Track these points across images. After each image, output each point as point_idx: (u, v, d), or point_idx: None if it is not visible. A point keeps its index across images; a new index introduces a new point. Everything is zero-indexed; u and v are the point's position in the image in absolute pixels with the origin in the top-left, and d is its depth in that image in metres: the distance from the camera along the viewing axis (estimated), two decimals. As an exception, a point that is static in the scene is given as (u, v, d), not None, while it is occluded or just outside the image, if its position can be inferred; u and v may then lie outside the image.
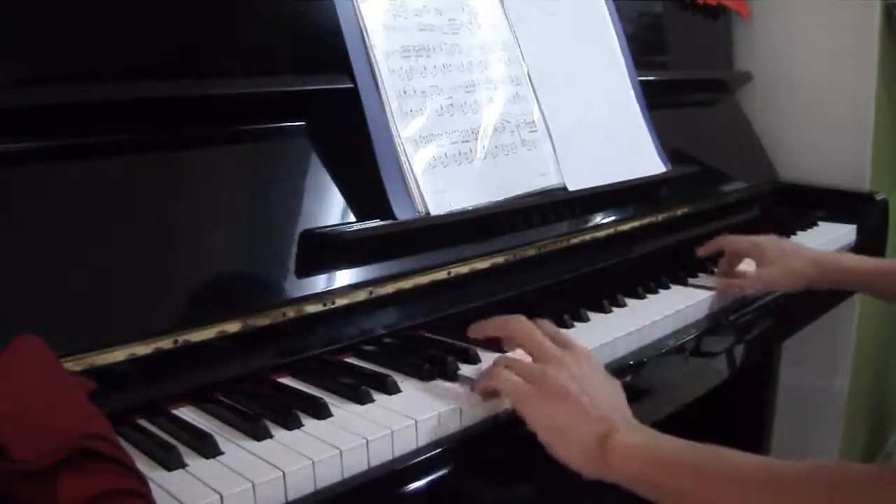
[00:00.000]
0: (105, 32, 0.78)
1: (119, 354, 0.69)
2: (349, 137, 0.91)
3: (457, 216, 0.94)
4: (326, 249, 0.84)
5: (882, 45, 1.55)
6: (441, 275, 0.94)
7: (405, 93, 0.94)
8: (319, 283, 0.83)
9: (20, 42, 0.72)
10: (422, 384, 0.78)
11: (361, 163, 0.89)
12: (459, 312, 0.97)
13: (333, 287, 0.84)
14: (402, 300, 0.91)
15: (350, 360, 0.85)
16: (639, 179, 1.20)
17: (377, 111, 0.91)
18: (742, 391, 1.50)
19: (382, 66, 0.92)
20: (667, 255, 1.26)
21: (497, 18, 1.09)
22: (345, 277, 0.85)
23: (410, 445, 0.69)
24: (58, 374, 0.59)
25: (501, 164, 1.01)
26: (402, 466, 0.67)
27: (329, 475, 0.63)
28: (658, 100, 1.31)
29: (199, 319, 0.75)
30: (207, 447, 0.64)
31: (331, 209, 0.88)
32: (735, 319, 1.07)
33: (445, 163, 0.95)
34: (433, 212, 0.92)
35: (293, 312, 0.81)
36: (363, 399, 0.73)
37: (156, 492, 0.56)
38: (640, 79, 1.28)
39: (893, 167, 1.71)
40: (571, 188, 1.09)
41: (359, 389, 0.74)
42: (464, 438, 0.72)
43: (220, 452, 0.64)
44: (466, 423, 0.73)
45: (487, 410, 0.75)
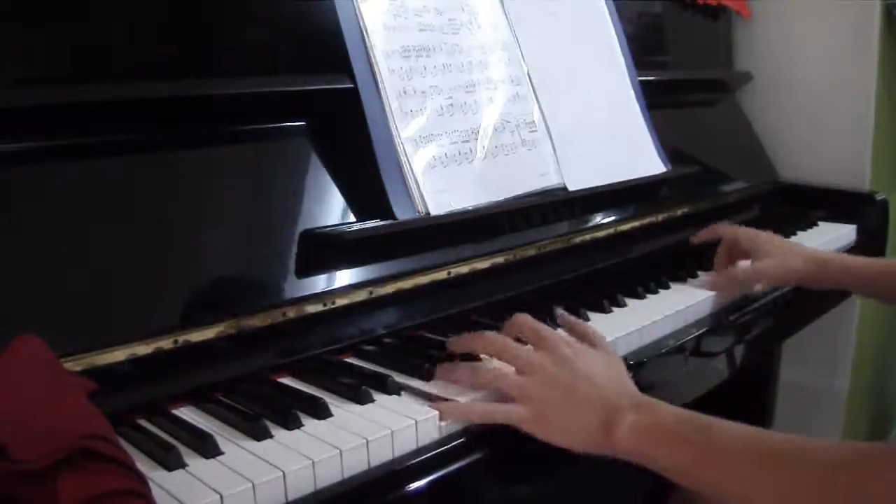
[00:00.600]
0: (105, 32, 0.78)
1: (119, 354, 0.69)
2: (349, 137, 0.91)
3: (457, 216, 0.94)
4: (326, 249, 0.84)
5: (882, 45, 1.55)
6: (441, 275, 0.94)
7: (405, 93, 0.94)
8: (319, 283, 0.83)
9: (20, 42, 0.72)
10: (422, 384, 0.78)
11: (361, 163, 0.89)
12: (459, 312, 0.97)
13: (333, 287, 0.84)
14: (402, 300, 0.91)
15: (350, 360, 0.85)
16: (639, 179, 1.20)
17: (377, 111, 0.91)
18: (742, 391, 1.49)
19: (382, 66, 0.92)
20: (667, 255, 1.26)
21: (497, 18, 1.09)
22: (345, 277, 0.85)
23: (410, 445, 0.69)
24: (58, 374, 0.59)
25: (501, 164, 1.01)
26: (402, 466, 0.67)
27: (329, 475, 0.63)
28: (658, 100, 1.31)
29: (200, 319, 0.75)
30: (207, 447, 0.64)
31: (331, 209, 0.88)
32: (735, 319, 1.07)
33: (445, 163, 0.95)
34: (433, 212, 0.92)
35: (293, 312, 0.81)
36: (363, 399, 0.73)
37: (156, 492, 0.56)
38: (640, 79, 1.28)
39: (893, 167, 1.71)
40: (571, 188, 1.09)
41: (359, 389, 0.74)
42: (464, 438, 0.72)
43: (220, 452, 0.64)
44: (466, 423, 0.73)
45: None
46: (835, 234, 1.44)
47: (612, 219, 1.18)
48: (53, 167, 0.72)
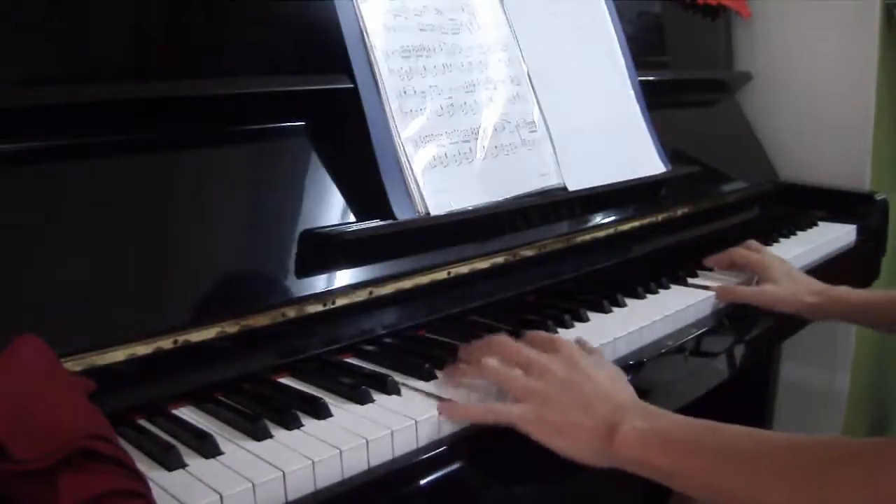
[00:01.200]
0: (105, 32, 0.78)
1: (119, 354, 0.69)
2: (349, 137, 0.91)
3: (457, 216, 0.94)
4: (326, 249, 0.84)
5: (882, 45, 1.55)
6: (441, 275, 0.94)
7: (405, 93, 0.94)
8: (319, 283, 0.83)
9: (20, 42, 0.72)
10: (422, 384, 0.78)
11: (361, 163, 0.89)
12: (459, 312, 0.97)
13: (333, 287, 0.84)
14: (402, 300, 0.91)
15: (350, 360, 0.85)
16: (639, 179, 1.20)
17: (377, 111, 0.91)
18: (742, 391, 1.50)
19: (382, 67, 0.92)
20: (667, 255, 1.26)
21: (497, 18, 1.09)
22: (345, 277, 0.85)
23: (410, 445, 0.69)
24: (58, 374, 0.59)
25: (501, 164, 1.01)
26: (402, 466, 0.67)
27: (329, 475, 0.63)
28: (658, 100, 1.31)
29: (200, 319, 0.75)
30: (207, 447, 0.64)
31: (331, 209, 0.88)
32: (735, 319, 1.07)
33: (445, 163, 0.95)
34: (433, 212, 0.92)
35: (293, 312, 0.81)
36: (363, 399, 0.73)
37: (156, 492, 0.56)
38: (640, 79, 1.28)
39: (893, 167, 1.71)
40: (571, 188, 1.09)
41: (359, 389, 0.74)
42: (464, 438, 0.72)
43: (220, 452, 0.64)
44: (466, 423, 0.73)
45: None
46: (835, 234, 1.44)
47: (612, 219, 1.18)
48: (53, 167, 0.73)
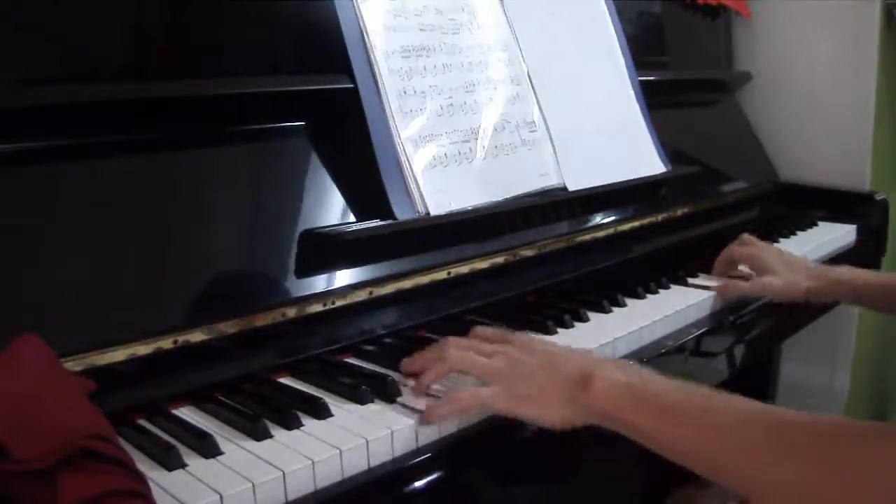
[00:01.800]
0: (105, 32, 0.78)
1: (119, 354, 0.69)
2: (349, 137, 0.91)
3: (457, 216, 0.94)
4: (326, 249, 0.84)
5: (882, 45, 1.55)
6: (441, 275, 0.94)
7: (405, 93, 0.94)
8: (319, 283, 0.83)
9: (20, 42, 0.72)
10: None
11: (361, 163, 0.89)
12: (459, 312, 0.97)
13: (333, 287, 0.84)
14: (402, 300, 0.91)
15: (350, 360, 0.85)
16: (639, 179, 1.20)
17: (377, 111, 0.91)
18: (742, 391, 1.49)
19: (382, 66, 0.92)
20: (667, 255, 1.26)
21: (497, 18, 1.09)
22: (345, 277, 0.85)
23: (410, 445, 0.69)
24: (58, 374, 0.59)
25: (501, 164, 1.01)
26: (402, 466, 0.67)
27: (329, 475, 0.63)
28: (658, 100, 1.31)
29: (200, 319, 0.75)
30: (207, 447, 0.64)
31: (331, 209, 0.88)
32: (735, 319, 1.07)
33: (445, 163, 0.95)
34: (433, 212, 0.92)
35: (293, 312, 0.81)
36: (363, 399, 0.73)
37: (156, 492, 0.56)
38: (640, 79, 1.28)
39: (893, 167, 1.71)
40: (571, 188, 1.09)
41: (359, 389, 0.74)
42: (464, 438, 0.72)
43: (220, 452, 0.64)
44: (465, 423, 0.73)
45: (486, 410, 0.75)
46: (835, 234, 1.44)
47: (612, 219, 1.18)
48: (53, 167, 0.73)
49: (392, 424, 0.68)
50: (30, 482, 0.50)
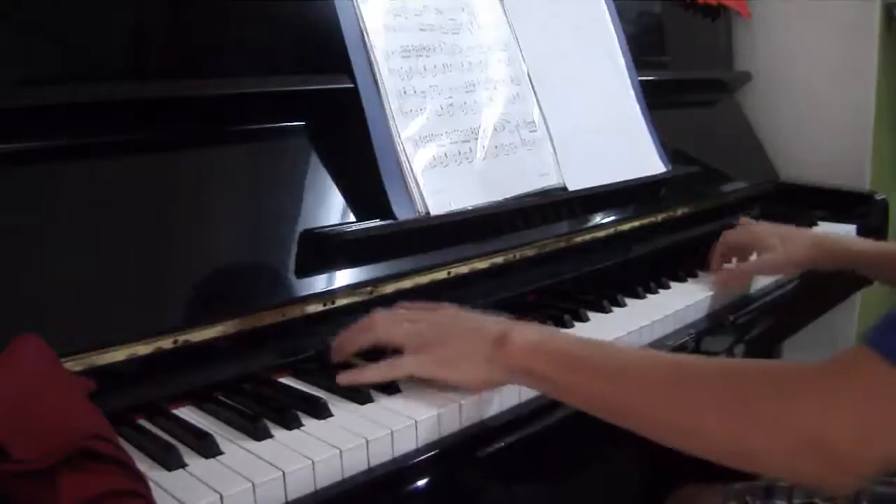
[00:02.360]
0: (105, 32, 0.78)
1: (119, 354, 0.69)
2: (349, 137, 0.91)
3: (457, 216, 0.94)
4: (326, 249, 0.84)
5: (882, 45, 1.55)
6: (441, 275, 0.94)
7: (405, 93, 0.94)
8: (319, 283, 0.83)
9: (20, 42, 0.72)
10: (423, 384, 0.77)
11: (361, 163, 0.89)
12: (459, 312, 0.97)
13: (333, 287, 0.84)
14: (403, 300, 0.91)
15: (350, 360, 0.85)
16: (639, 179, 1.20)
17: (377, 111, 0.91)
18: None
19: (382, 66, 0.92)
20: (667, 255, 1.26)
21: (497, 18, 1.09)
22: (345, 277, 0.85)
23: (410, 445, 0.69)
24: (58, 374, 0.59)
25: (501, 164, 1.01)
26: (402, 466, 0.67)
27: (329, 475, 0.63)
28: (658, 100, 1.31)
29: (199, 319, 0.75)
30: (207, 447, 0.64)
31: (331, 209, 0.88)
32: (735, 319, 1.07)
33: (445, 163, 0.95)
34: (433, 212, 0.92)
35: (293, 312, 0.81)
36: (363, 399, 0.73)
37: (156, 492, 0.56)
38: (640, 79, 1.28)
39: (893, 167, 1.71)
40: (571, 188, 1.09)
41: (359, 389, 0.74)
42: (464, 437, 0.72)
43: (220, 452, 0.64)
44: (466, 423, 0.73)
45: (487, 410, 0.75)
46: (835, 234, 1.44)
47: (612, 219, 1.18)
48: (53, 167, 0.73)
49: (392, 424, 0.68)
50: (30, 482, 0.50)
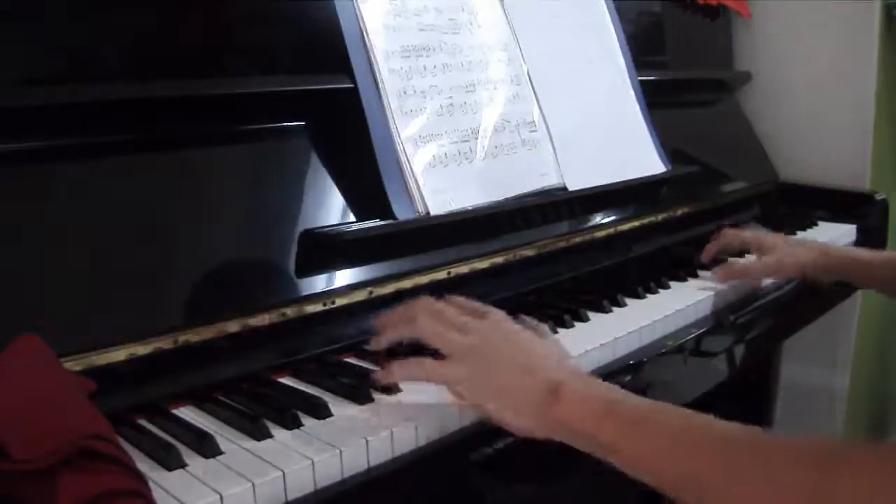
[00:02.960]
0: (105, 32, 0.78)
1: (119, 354, 0.69)
2: (349, 137, 0.91)
3: (457, 216, 0.94)
4: (326, 249, 0.84)
5: (882, 45, 1.55)
6: (441, 275, 0.94)
7: (405, 93, 0.94)
8: (319, 283, 0.83)
9: (20, 42, 0.72)
10: (423, 384, 0.77)
11: (361, 163, 0.89)
12: (459, 312, 0.97)
13: (333, 287, 0.84)
14: (402, 300, 0.91)
15: (350, 360, 0.85)
16: (639, 179, 1.20)
17: (377, 111, 0.91)
18: (742, 391, 1.50)
19: (382, 66, 0.92)
20: (667, 255, 1.26)
21: (497, 18, 1.09)
22: (345, 277, 0.85)
23: (410, 445, 0.69)
24: (58, 374, 0.59)
25: (501, 164, 1.01)
26: (402, 466, 0.67)
27: (329, 475, 0.63)
28: (658, 100, 1.31)
29: (199, 319, 0.75)
30: (207, 447, 0.64)
31: (331, 209, 0.88)
32: (735, 319, 1.07)
33: (445, 163, 0.95)
34: (433, 212, 0.92)
35: (293, 312, 0.81)
36: (363, 399, 0.73)
37: (156, 492, 0.56)
38: (640, 79, 1.28)
39: (893, 167, 1.71)
40: (571, 188, 1.09)
41: (359, 389, 0.74)
42: (464, 438, 0.72)
43: (220, 452, 0.64)
44: (466, 423, 0.73)
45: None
46: (835, 234, 1.44)
47: (612, 219, 1.18)
48: (53, 167, 0.73)
49: (392, 424, 0.68)
50: (30, 482, 0.50)
